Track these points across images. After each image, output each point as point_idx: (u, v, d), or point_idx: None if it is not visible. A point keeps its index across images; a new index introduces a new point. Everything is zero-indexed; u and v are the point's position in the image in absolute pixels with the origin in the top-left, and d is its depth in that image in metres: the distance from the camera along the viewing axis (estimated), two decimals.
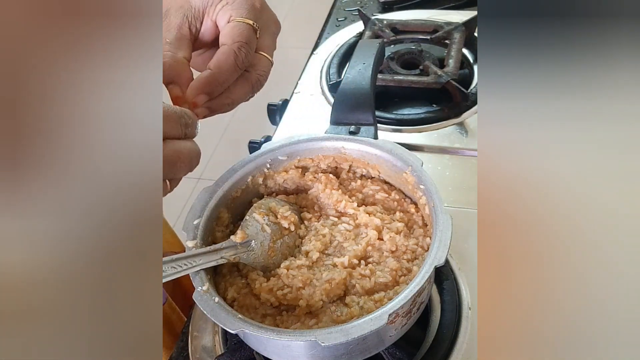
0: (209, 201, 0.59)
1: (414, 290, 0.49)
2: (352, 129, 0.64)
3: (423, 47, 0.97)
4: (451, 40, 0.94)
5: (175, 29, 0.52)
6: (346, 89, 0.66)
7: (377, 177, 0.64)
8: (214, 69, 0.51)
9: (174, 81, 0.51)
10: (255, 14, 0.54)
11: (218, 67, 0.51)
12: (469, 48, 0.95)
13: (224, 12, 0.53)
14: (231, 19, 0.53)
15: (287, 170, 0.64)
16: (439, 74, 0.87)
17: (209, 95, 0.52)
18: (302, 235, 0.60)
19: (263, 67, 0.55)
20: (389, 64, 0.92)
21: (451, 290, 0.64)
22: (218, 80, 0.51)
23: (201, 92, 0.51)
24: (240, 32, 0.52)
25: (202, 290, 0.51)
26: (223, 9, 0.54)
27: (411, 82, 0.88)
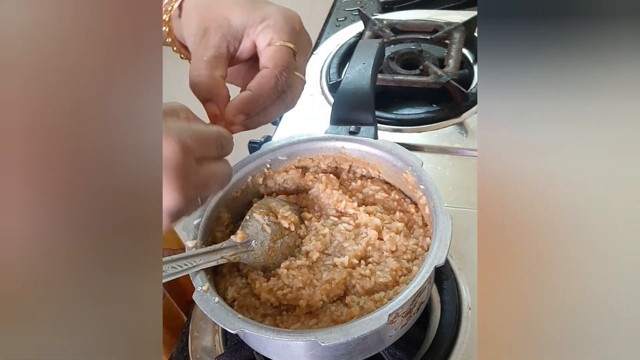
0: (209, 201, 0.59)
1: (414, 290, 0.49)
2: (352, 129, 0.64)
3: (423, 47, 0.97)
4: (451, 40, 0.94)
5: (213, 47, 0.53)
6: (346, 89, 0.66)
7: (377, 177, 0.64)
8: (255, 91, 0.52)
9: (211, 100, 0.52)
10: (295, 37, 0.54)
11: (259, 90, 0.52)
12: (469, 48, 0.95)
13: (265, 34, 0.54)
14: (272, 42, 0.53)
15: (287, 170, 0.64)
16: (439, 74, 0.87)
17: (246, 115, 0.52)
18: (302, 235, 0.60)
19: (298, 87, 0.56)
20: (389, 64, 0.92)
21: (451, 290, 0.64)
22: (258, 102, 0.52)
23: (240, 112, 0.52)
24: (281, 56, 0.53)
25: (202, 290, 0.51)
26: (264, 30, 0.54)
27: (411, 82, 0.89)
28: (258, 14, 0.54)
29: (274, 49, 0.53)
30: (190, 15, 0.55)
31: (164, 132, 0.40)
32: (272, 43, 0.53)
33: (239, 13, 0.54)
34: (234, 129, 0.52)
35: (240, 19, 0.54)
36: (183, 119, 0.46)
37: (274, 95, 0.53)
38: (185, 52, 0.60)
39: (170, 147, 0.40)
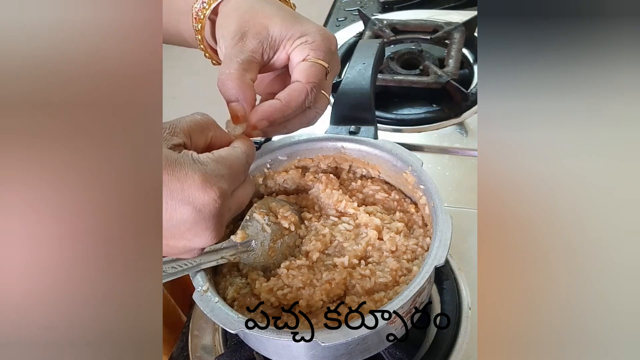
0: None
1: (414, 290, 0.49)
2: (352, 129, 0.64)
3: (423, 47, 0.97)
4: (451, 40, 0.94)
5: (248, 52, 0.53)
6: (346, 89, 0.66)
7: (377, 177, 0.64)
8: (284, 102, 0.53)
9: (238, 100, 0.52)
10: (330, 57, 0.55)
11: (288, 102, 0.53)
12: (469, 48, 0.95)
13: (302, 49, 0.54)
14: (308, 58, 0.54)
15: (287, 170, 0.64)
16: (439, 74, 0.87)
17: (270, 123, 0.53)
18: (302, 235, 0.60)
19: (322, 105, 0.57)
20: (389, 64, 0.92)
21: (451, 290, 0.64)
22: (284, 113, 0.53)
23: (265, 118, 0.52)
24: (315, 73, 0.53)
25: (202, 290, 0.51)
26: (301, 45, 0.54)
27: (411, 82, 0.89)
28: (298, 29, 0.55)
29: (309, 64, 0.54)
30: (229, 17, 0.55)
31: (203, 179, 0.42)
32: (307, 59, 0.54)
33: (279, 24, 0.54)
34: (254, 133, 0.53)
35: (280, 30, 0.54)
36: (210, 138, 0.48)
37: (300, 109, 0.54)
38: (217, 58, 0.61)
39: (211, 198, 0.42)
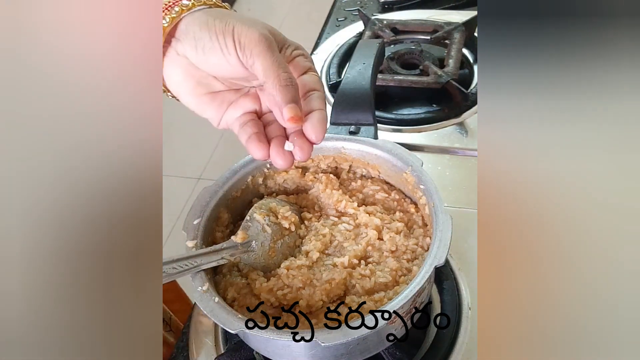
0: (209, 201, 0.59)
1: (414, 290, 0.49)
2: (352, 129, 0.64)
3: (423, 47, 0.97)
4: (451, 40, 0.94)
5: None
6: (346, 89, 0.66)
7: (377, 177, 0.64)
8: None
9: (298, 102, 0.46)
10: None
11: None
12: (469, 48, 0.95)
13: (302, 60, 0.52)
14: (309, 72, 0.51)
15: (287, 170, 0.64)
16: (439, 74, 0.87)
17: None
18: (302, 235, 0.60)
19: None
20: (389, 64, 0.92)
21: (451, 290, 0.64)
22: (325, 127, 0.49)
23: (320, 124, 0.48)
24: None
25: (202, 290, 0.51)
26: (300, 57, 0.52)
27: (411, 82, 0.88)
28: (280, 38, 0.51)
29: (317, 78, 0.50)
30: None
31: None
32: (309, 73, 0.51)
33: None
34: None
35: None
36: None
37: None
38: None
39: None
